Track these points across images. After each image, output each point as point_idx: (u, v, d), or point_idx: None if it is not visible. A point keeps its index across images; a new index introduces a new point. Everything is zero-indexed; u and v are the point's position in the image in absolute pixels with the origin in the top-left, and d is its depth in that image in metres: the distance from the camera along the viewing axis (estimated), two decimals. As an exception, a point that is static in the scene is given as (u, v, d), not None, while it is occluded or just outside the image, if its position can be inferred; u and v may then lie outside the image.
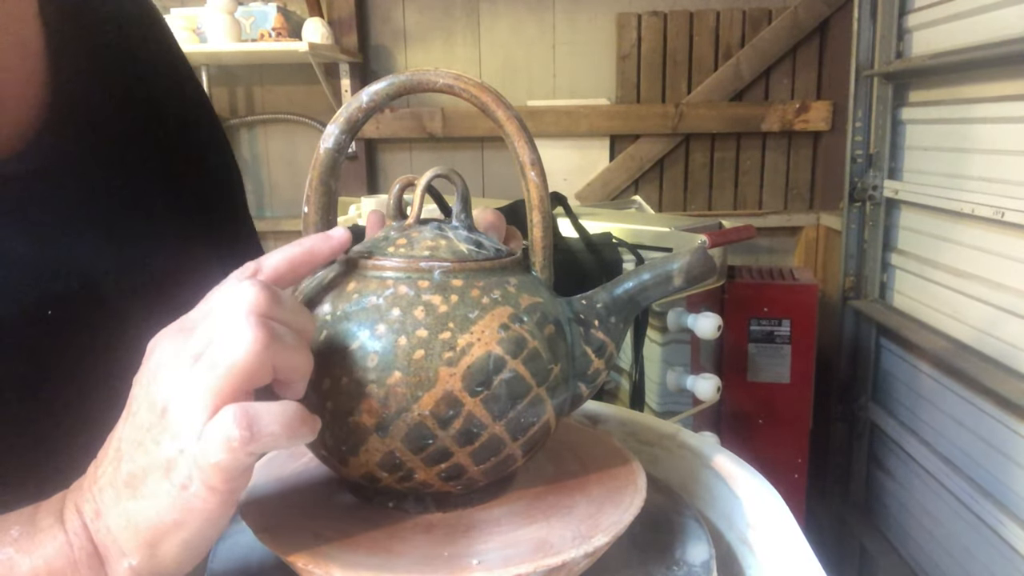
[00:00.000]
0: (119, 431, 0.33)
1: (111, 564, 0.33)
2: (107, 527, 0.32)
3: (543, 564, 0.35)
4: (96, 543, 0.33)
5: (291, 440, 0.31)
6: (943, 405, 1.56)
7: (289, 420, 0.31)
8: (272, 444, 0.31)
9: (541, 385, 0.38)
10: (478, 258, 0.39)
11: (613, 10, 2.22)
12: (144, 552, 0.32)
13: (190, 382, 0.31)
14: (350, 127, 0.40)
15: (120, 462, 0.32)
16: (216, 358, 0.31)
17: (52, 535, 0.32)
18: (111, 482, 0.32)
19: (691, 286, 0.41)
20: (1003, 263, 1.37)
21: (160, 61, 0.56)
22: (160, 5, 2.08)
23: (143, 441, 0.32)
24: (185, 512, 0.31)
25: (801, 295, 1.73)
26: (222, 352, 0.31)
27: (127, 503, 0.32)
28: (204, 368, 0.31)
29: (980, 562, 1.43)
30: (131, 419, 0.33)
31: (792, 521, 0.43)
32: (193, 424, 0.31)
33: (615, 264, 1.34)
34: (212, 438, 0.30)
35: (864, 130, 1.82)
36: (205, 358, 0.31)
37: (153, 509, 0.32)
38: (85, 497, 0.33)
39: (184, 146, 0.55)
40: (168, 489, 0.31)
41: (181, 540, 0.32)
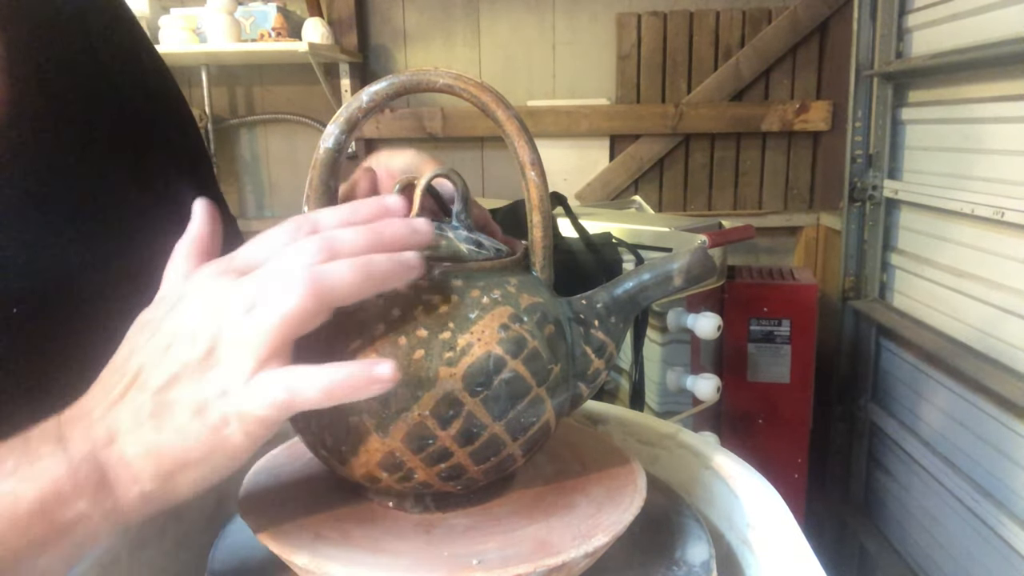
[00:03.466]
0: (139, 355, 0.33)
1: (120, 489, 0.32)
2: (120, 454, 0.32)
3: (543, 564, 0.35)
4: (105, 469, 0.32)
5: (332, 403, 0.32)
6: (943, 405, 1.56)
7: (330, 388, 0.32)
8: (314, 406, 0.32)
9: (541, 385, 0.38)
10: (478, 258, 0.39)
11: (613, 10, 2.22)
12: (160, 481, 0.33)
13: (243, 330, 0.32)
14: (350, 127, 0.40)
15: (143, 392, 0.32)
16: (272, 311, 0.31)
17: (55, 461, 0.32)
18: (132, 410, 0.32)
19: (691, 286, 0.41)
20: (1003, 263, 1.37)
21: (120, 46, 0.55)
22: (160, 5, 2.08)
23: (178, 375, 0.32)
24: (213, 450, 0.32)
25: (801, 295, 1.73)
26: (278, 306, 0.31)
27: (149, 433, 0.32)
28: (260, 318, 0.32)
29: (980, 562, 1.43)
30: (159, 344, 0.33)
31: (792, 521, 0.43)
32: (242, 372, 0.31)
33: (615, 264, 1.34)
34: (259, 394, 0.31)
35: (864, 130, 1.82)
36: (260, 310, 0.32)
37: (178, 442, 0.32)
38: (94, 422, 0.33)
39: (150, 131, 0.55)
40: (199, 427, 0.32)
41: (201, 474, 0.33)
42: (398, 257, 0.34)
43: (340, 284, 0.32)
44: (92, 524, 0.32)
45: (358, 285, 0.33)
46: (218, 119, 2.29)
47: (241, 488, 0.42)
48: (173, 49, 1.95)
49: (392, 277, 0.34)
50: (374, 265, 0.33)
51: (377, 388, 0.32)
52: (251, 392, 0.31)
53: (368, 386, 0.32)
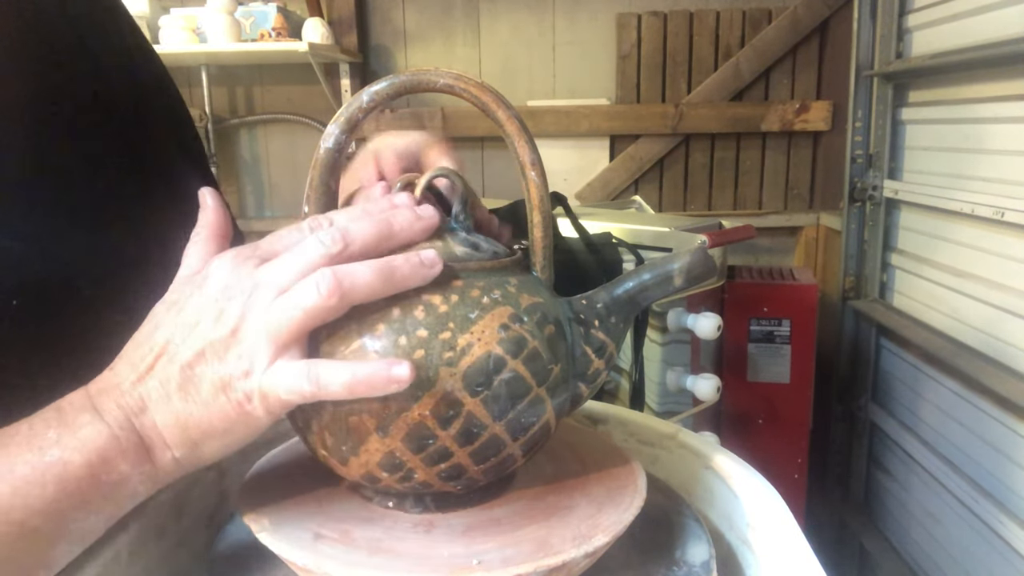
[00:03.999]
0: (164, 330, 0.35)
1: (155, 453, 0.35)
2: (153, 422, 0.34)
3: (543, 564, 0.35)
4: (142, 435, 0.34)
5: (350, 396, 0.34)
6: (943, 405, 1.56)
7: (351, 383, 0.33)
8: (334, 398, 0.34)
9: (541, 385, 0.38)
10: (478, 258, 0.39)
11: (613, 10, 2.22)
12: (188, 448, 0.35)
13: (268, 314, 0.33)
14: (350, 127, 0.40)
15: (171, 365, 0.34)
16: (297, 302, 0.33)
17: (96, 429, 0.34)
18: (160, 380, 0.34)
19: (691, 286, 0.41)
20: (1003, 263, 1.37)
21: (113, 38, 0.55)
22: (160, 5, 2.08)
23: (204, 351, 0.34)
24: (236, 423, 0.34)
25: (801, 295, 1.73)
26: (303, 299, 0.33)
27: (178, 403, 0.34)
28: (284, 307, 0.33)
29: (980, 562, 1.43)
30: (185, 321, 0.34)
31: (792, 521, 0.43)
32: (265, 354, 0.33)
33: (615, 264, 1.34)
34: (283, 379, 0.33)
35: (864, 130, 1.82)
36: (286, 299, 0.33)
37: (204, 414, 0.34)
38: (124, 392, 0.35)
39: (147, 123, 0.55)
40: (224, 402, 0.34)
41: (224, 443, 0.35)
42: (416, 258, 0.36)
43: (362, 284, 0.34)
44: (132, 485, 0.35)
45: (380, 285, 0.35)
46: (218, 119, 2.29)
47: (241, 488, 0.42)
48: (173, 49, 1.95)
49: (412, 278, 0.36)
50: (395, 267, 0.35)
51: (395, 387, 0.33)
52: (275, 376, 0.33)
53: (387, 385, 0.33)
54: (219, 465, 0.51)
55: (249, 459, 0.46)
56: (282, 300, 0.33)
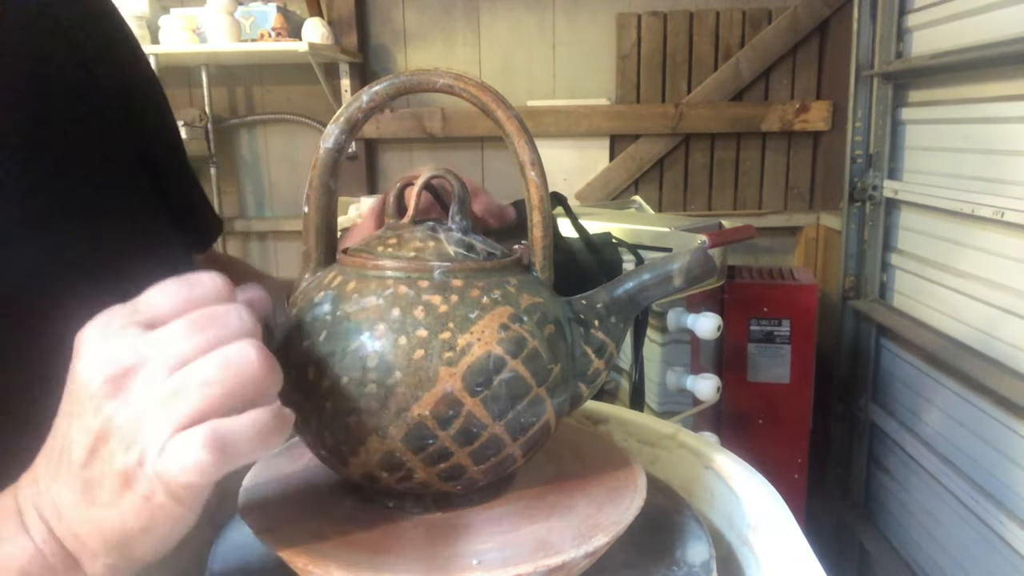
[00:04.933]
0: (65, 429, 0.31)
1: (85, 564, 0.32)
2: (72, 532, 0.31)
3: (543, 564, 0.35)
4: (63, 546, 0.32)
5: (265, 452, 0.30)
6: (943, 405, 1.56)
7: (262, 433, 0.30)
8: (246, 460, 0.30)
9: (541, 385, 0.38)
10: (476, 258, 0.39)
11: (613, 10, 2.22)
12: (115, 553, 0.32)
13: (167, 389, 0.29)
14: (350, 127, 0.40)
15: (72, 465, 0.31)
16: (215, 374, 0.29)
17: (21, 545, 0.31)
18: (68, 486, 0.31)
19: (691, 286, 0.41)
20: (1003, 263, 1.37)
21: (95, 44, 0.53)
22: (160, 5, 2.08)
23: (95, 448, 0.30)
24: (150, 519, 0.30)
25: (801, 295, 1.72)
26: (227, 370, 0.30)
27: (87, 510, 0.31)
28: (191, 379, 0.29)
29: (980, 562, 1.43)
30: (77, 420, 0.31)
31: (792, 521, 0.43)
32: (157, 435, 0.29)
33: (615, 264, 1.33)
34: (178, 457, 0.29)
35: (864, 130, 1.82)
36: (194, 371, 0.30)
37: (117, 517, 0.30)
38: (43, 498, 0.32)
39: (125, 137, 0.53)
40: (131, 499, 0.30)
41: (153, 541, 0.32)
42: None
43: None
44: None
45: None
46: (218, 119, 2.29)
47: (241, 488, 0.42)
48: (173, 49, 1.95)
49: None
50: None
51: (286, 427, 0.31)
52: (168, 459, 0.29)
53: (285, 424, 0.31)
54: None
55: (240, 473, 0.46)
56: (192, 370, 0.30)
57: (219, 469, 0.29)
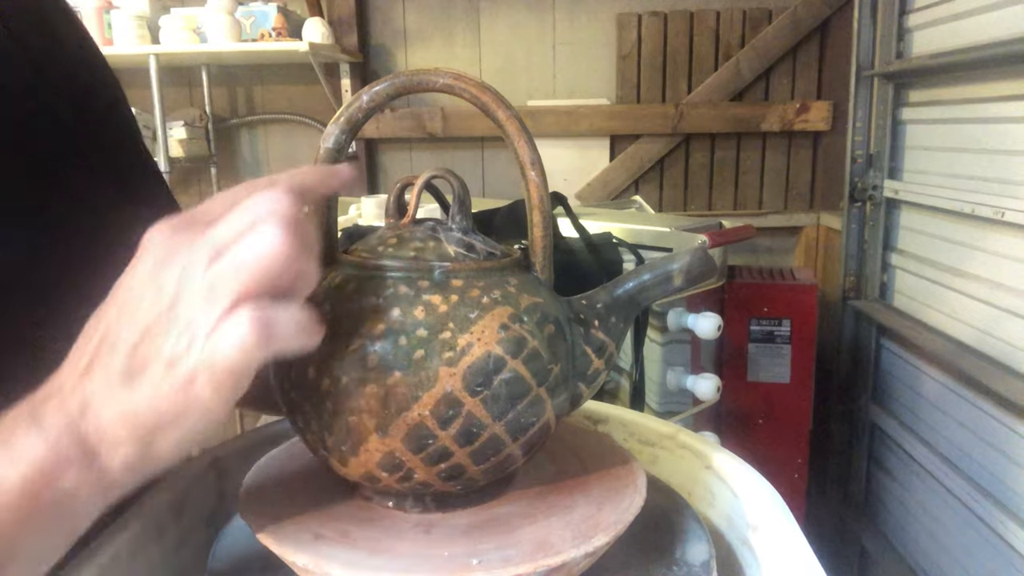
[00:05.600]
0: (106, 324, 0.32)
1: (103, 457, 0.32)
2: (97, 421, 0.31)
3: (543, 564, 0.35)
4: (85, 439, 0.32)
5: (302, 345, 0.32)
6: (943, 405, 1.56)
7: (303, 325, 0.31)
8: (283, 348, 0.31)
9: (541, 385, 0.38)
10: (473, 258, 0.39)
11: (613, 10, 2.22)
12: (138, 445, 0.32)
13: (211, 278, 0.31)
14: (350, 127, 0.40)
15: (113, 353, 0.31)
16: (242, 258, 0.31)
17: (32, 442, 0.31)
18: (104, 374, 0.31)
19: (691, 286, 0.41)
20: (1003, 263, 1.37)
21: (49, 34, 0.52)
22: (160, 5, 2.08)
23: (146, 332, 0.31)
24: (185, 408, 0.31)
25: (801, 295, 1.73)
26: (250, 254, 0.31)
27: (123, 395, 0.31)
28: (226, 266, 0.31)
29: (980, 562, 1.43)
30: (126, 309, 0.32)
31: (792, 521, 0.43)
32: (207, 320, 0.30)
33: (615, 264, 1.34)
34: (226, 338, 0.30)
35: (864, 130, 1.82)
36: (229, 257, 0.31)
37: (151, 402, 0.31)
38: (66, 396, 0.32)
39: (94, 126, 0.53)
40: (170, 383, 0.31)
41: (177, 436, 0.32)
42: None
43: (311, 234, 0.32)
44: (82, 498, 0.32)
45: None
46: (218, 119, 2.29)
47: (241, 488, 0.42)
48: (173, 49, 1.95)
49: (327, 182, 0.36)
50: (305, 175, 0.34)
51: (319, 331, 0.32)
52: (217, 339, 0.30)
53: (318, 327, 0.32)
54: (219, 465, 0.51)
55: (249, 459, 0.46)
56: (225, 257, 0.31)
57: (261, 352, 0.30)
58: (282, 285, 0.31)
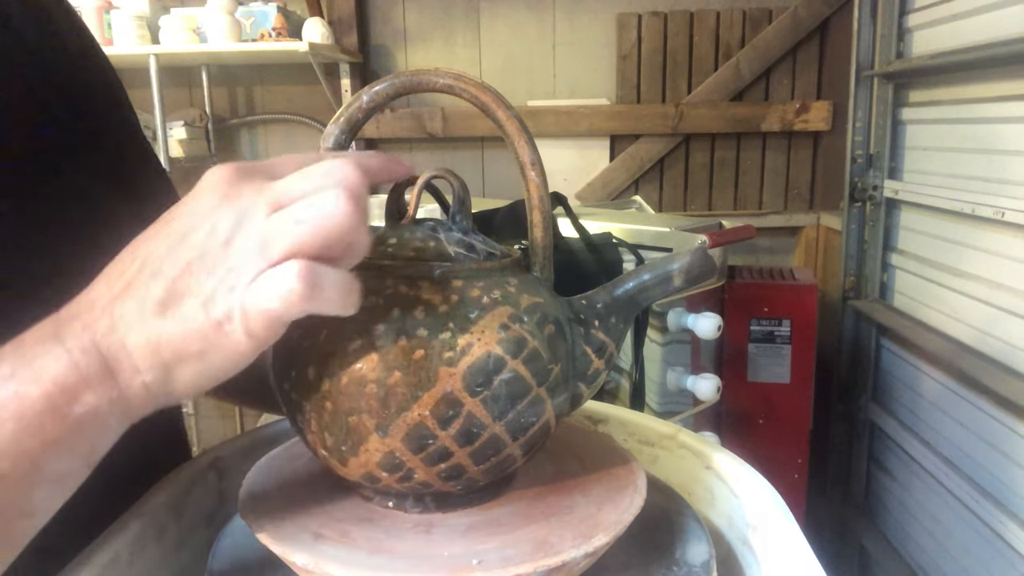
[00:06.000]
0: (148, 246, 0.32)
1: (122, 378, 0.32)
2: (122, 341, 0.32)
3: (543, 564, 0.35)
4: (107, 357, 0.32)
5: (341, 309, 0.32)
6: (943, 405, 1.56)
7: (347, 289, 0.32)
8: (324, 307, 0.31)
9: (541, 385, 0.38)
10: (474, 258, 0.39)
11: (613, 10, 2.22)
12: (159, 372, 0.32)
13: (269, 227, 0.31)
14: (350, 127, 0.40)
15: (153, 280, 0.32)
16: (305, 215, 0.31)
17: (54, 357, 0.31)
18: (138, 296, 0.32)
19: (691, 286, 0.41)
20: (1003, 263, 1.37)
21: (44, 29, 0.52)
22: (160, 5, 2.08)
23: (192, 265, 0.31)
24: (211, 346, 0.31)
25: (801, 295, 1.73)
26: (314, 212, 0.31)
27: (153, 322, 0.31)
28: (288, 218, 0.31)
29: (980, 562, 1.43)
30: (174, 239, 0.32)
31: (792, 521, 0.43)
32: (256, 266, 0.31)
33: (615, 264, 1.34)
34: (271, 285, 0.30)
35: (864, 130, 1.82)
36: (292, 211, 0.31)
37: (180, 333, 0.31)
38: (95, 313, 0.32)
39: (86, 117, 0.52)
40: (202, 320, 0.31)
41: (199, 370, 0.32)
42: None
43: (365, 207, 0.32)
44: (101, 416, 0.32)
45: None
46: (218, 119, 2.29)
47: (241, 488, 0.42)
48: (173, 49, 1.95)
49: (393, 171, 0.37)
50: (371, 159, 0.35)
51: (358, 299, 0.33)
52: (261, 286, 0.30)
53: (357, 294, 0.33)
54: (219, 465, 0.51)
55: (249, 459, 0.46)
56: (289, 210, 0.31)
57: (303, 305, 0.30)
58: (334, 252, 0.31)
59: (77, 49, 0.55)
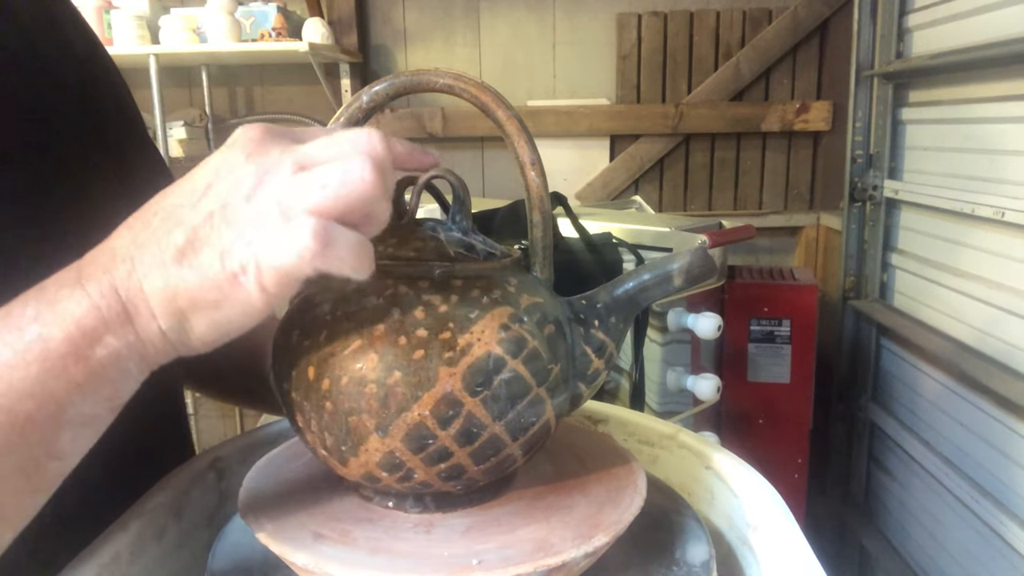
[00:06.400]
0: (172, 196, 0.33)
1: (140, 323, 0.33)
2: (140, 286, 0.32)
3: (543, 564, 0.35)
4: (126, 301, 0.32)
5: (353, 271, 0.32)
6: (943, 405, 1.56)
7: (360, 251, 0.32)
8: (337, 267, 0.31)
9: (541, 385, 0.38)
10: (475, 258, 0.39)
11: (613, 10, 2.22)
12: (174, 319, 0.33)
13: (291, 186, 0.31)
14: (350, 127, 0.40)
15: (175, 228, 0.32)
16: (329, 179, 0.31)
17: (76, 300, 0.32)
18: (158, 244, 0.32)
19: (691, 286, 0.41)
20: (1003, 263, 1.37)
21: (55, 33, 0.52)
22: (160, 5, 2.08)
23: (213, 216, 0.32)
24: (226, 297, 0.32)
25: (801, 295, 1.73)
26: (338, 177, 0.31)
27: (172, 268, 0.32)
28: (312, 181, 0.31)
29: (980, 562, 1.43)
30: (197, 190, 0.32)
31: (792, 521, 0.43)
32: (275, 223, 0.31)
33: (615, 264, 1.34)
34: (287, 242, 0.30)
35: (864, 130, 1.82)
36: (316, 174, 0.31)
37: (196, 281, 0.32)
38: (116, 258, 0.33)
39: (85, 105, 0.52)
40: (218, 270, 0.31)
41: (213, 319, 0.33)
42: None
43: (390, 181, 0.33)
44: (122, 360, 0.33)
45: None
46: (218, 119, 2.29)
47: (241, 488, 0.42)
48: (173, 49, 1.95)
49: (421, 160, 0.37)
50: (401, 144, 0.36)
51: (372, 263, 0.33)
52: (277, 238, 0.31)
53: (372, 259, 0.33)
54: (219, 465, 0.51)
55: (249, 459, 0.46)
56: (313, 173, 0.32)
57: (316, 262, 0.30)
58: (353, 218, 0.32)
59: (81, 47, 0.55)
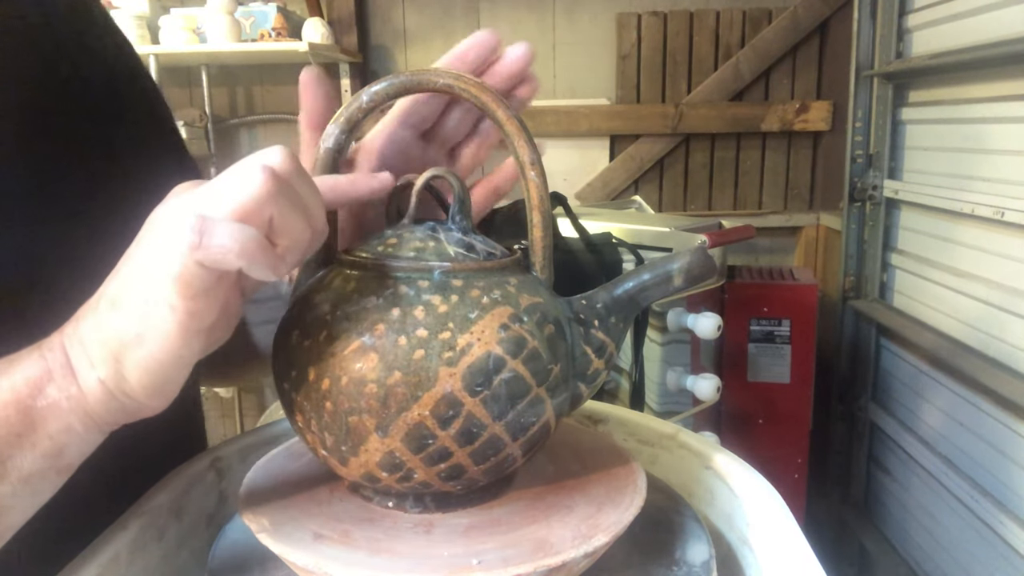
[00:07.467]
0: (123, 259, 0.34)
1: (81, 374, 0.34)
2: (80, 338, 0.34)
3: (543, 564, 0.35)
4: (68, 352, 0.34)
5: (247, 263, 0.31)
6: (943, 405, 1.56)
7: (245, 240, 0.30)
8: (223, 260, 0.30)
9: (541, 385, 0.38)
10: (474, 258, 0.39)
11: (613, 10, 2.22)
12: (110, 365, 0.33)
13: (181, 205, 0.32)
14: (350, 127, 0.40)
15: (111, 283, 0.33)
16: (216, 189, 0.31)
17: (27, 354, 0.34)
18: (98, 301, 0.34)
19: (691, 286, 0.41)
20: (1003, 263, 1.37)
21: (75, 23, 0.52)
22: (160, 5, 2.08)
23: (130, 257, 0.33)
24: (144, 326, 0.32)
25: (801, 295, 1.73)
26: (225, 187, 0.31)
27: (104, 316, 0.33)
28: (200, 194, 0.32)
29: (980, 562, 1.43)
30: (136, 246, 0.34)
31: (792, 521, 0.43)
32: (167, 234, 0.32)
33: (615, 264, 1.34)
34: (170, 244, 0.31)
35: (864, 130, 1.82)
36: (205, 189, 0.32)
37: (121, 320, 0.32)
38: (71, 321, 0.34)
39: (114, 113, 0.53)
40: (137, 303, 0.32)
41: (142, 357, 0.33)
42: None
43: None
44: (62, 412, 0.34)
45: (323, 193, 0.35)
46: (218, 119, 2.29)
47: (241, 488, 0.42)
48: (173, 49, 1.95)
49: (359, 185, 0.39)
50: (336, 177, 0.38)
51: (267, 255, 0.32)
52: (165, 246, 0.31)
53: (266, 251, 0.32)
54: (219, 465, 0.51)
55: (249, 459, 0.46)
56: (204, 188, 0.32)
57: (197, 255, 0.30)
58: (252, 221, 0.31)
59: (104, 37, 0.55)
